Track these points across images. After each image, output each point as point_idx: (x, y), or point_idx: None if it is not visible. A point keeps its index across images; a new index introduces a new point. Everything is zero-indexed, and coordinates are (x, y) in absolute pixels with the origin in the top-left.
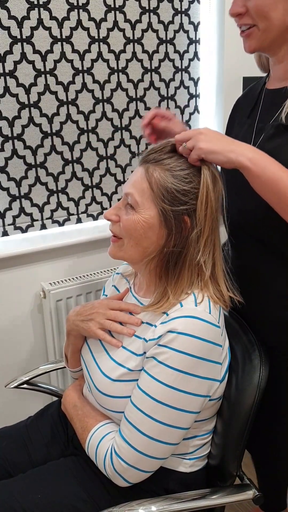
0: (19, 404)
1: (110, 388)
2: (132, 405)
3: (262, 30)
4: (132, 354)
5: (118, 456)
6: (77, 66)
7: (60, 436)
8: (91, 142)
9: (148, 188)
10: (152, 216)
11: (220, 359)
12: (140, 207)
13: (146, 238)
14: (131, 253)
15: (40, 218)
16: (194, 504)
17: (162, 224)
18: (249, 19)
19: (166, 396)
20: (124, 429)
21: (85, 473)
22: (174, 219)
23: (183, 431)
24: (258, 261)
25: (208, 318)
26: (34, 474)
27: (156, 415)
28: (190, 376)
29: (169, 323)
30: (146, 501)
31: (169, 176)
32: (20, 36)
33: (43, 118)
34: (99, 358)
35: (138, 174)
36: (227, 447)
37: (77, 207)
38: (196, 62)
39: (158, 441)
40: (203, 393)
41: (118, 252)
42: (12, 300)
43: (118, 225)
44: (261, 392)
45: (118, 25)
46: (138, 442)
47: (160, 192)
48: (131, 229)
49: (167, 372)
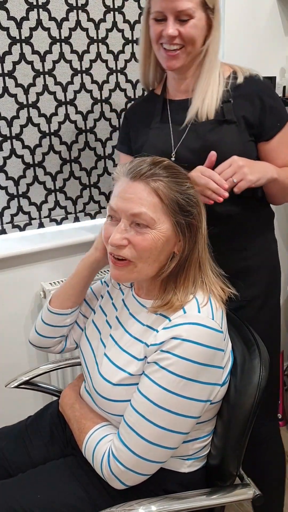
0: (19, 404)
1: (110, 393)
2: (132, 408)
3: (187, 52)
4: (133, 358)
5: (116, 458)
6: (75, 66)
7: (59, 436)
8: (89, 142)
9: (159, 202)
10: (167, 228)
11: (222, 364)
12: (156, 223)
13: (163, 252)
14: (147, 272)
15: (38, 216)
16: (194, 504)
17: (178, 234)
18: (180, 41)
19: (167, 401)
20: (123, 432)
21: (85, 473)
22: (186, 226)
23: (183, 435)
24: None
25: (212, 324)
26: (34, 474)
27: (156, 419)
28: (192, 382)
29: (172, 329)
30: (146, 501)
31: (173, 188)
32: (19, 36)
33: (41, 118)
34: (99, 359)
35: (140, 190)
36: (227, 447)
37: (75, 206)
38: None
39: (157, 445)
40: (204, 398)
41: (130, 275)
42: (12, 300)
43: (128, 248)
44: (261, 392)
45: (117, 26)
46: (136, 446)
47: (171, 205)
48: (152, 249)
49: (169, 378)
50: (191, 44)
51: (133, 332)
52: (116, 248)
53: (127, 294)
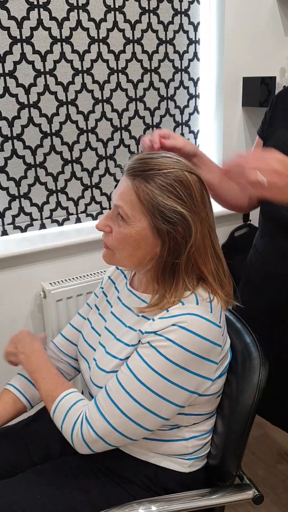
0: None
1: (103, 380)
2: (116, 380)
3: None
4: (125, 346)
5: (89, 424)
6: (76, 66)
7: (60, 435)
8: (91, 142)
9: (137, 200)
10: (143, 227)
11: (217, 359)
12: (131, 219)
13: (139, 249)
14: (124, 263)
15: (39, 217)
16: (194, 504)
17: (155, 235)
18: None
19: (152, 381)
20: (101, 400)
21: (85, 472)
22: (166, 230)
23: (161, 420)
24: None
25: (210, 317)
26: (33, 475)
27: (137, 396)
28: (180, 369)
29: (172, 318)
30: (146, 501)
31: (156, 189)
32: (20, 36)
33: (42, 118)
34: (96, 354)
35: (125, 186)
36: (227, 447)
37: (76, 207)
38: (196, 62)
39: (132, 421)
40: (190, 389)
41: (111, 259)
42: (12, 300)
43: (110, 235)
44: (260, 392)
45: (117, 26)
46: (112, 416)
47: (150, 207)
48: (123, 242)
49: (159, 360)
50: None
51: (127, 322)
52: (103, 233)
53: (122, 289)
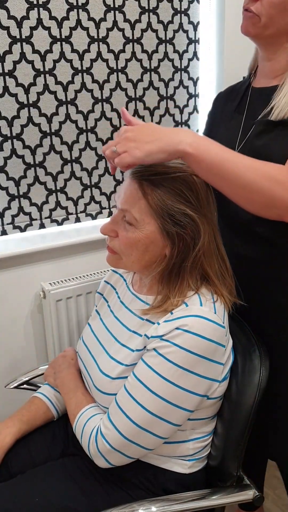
0: (19, 404)
1: (109, 386)
2: (125, 391)
3: (261, 24)
4: (130, 351)
5: (104, 437)
6: (76, 66)
7: (60, 436)
8: (90, 142)
9: (146, 204)
10: (152, 231)
11: (222, 360)
12: (139, 223)
13: (147, 253)
14: (132, 267)
15: (39, 217)
16: (194, 505)
17: (165, 237)
18: (258, 8)
19: (162, 389)
20: (113, 413)
21: (84, 474)
22: (176, 232)
23: (173, 426)
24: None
25: (214, 318)
26: (32, 476)
27: (146, 404)
28: (189, 373)
29: (175, 321)
30: (146, 501)
31: (165, 194)
32: (20, 36)
33: (42, 117)
34: (98, 358)
35: (132, 190)
36: (228, 448)
37: (76, 207)
38: (196, 62)
39: (146, 430)
40: (200, 392)
41: (117, 264)
42: (12, 300)
43: (116, 240)
44: (261, 393)
45: (117, 25)
46: (125, 428)
47: (159, 211)
48: (132, 247)
49: (166, 365)
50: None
51: (131, 326)
52: (107, 236)
53: (124, 293)
